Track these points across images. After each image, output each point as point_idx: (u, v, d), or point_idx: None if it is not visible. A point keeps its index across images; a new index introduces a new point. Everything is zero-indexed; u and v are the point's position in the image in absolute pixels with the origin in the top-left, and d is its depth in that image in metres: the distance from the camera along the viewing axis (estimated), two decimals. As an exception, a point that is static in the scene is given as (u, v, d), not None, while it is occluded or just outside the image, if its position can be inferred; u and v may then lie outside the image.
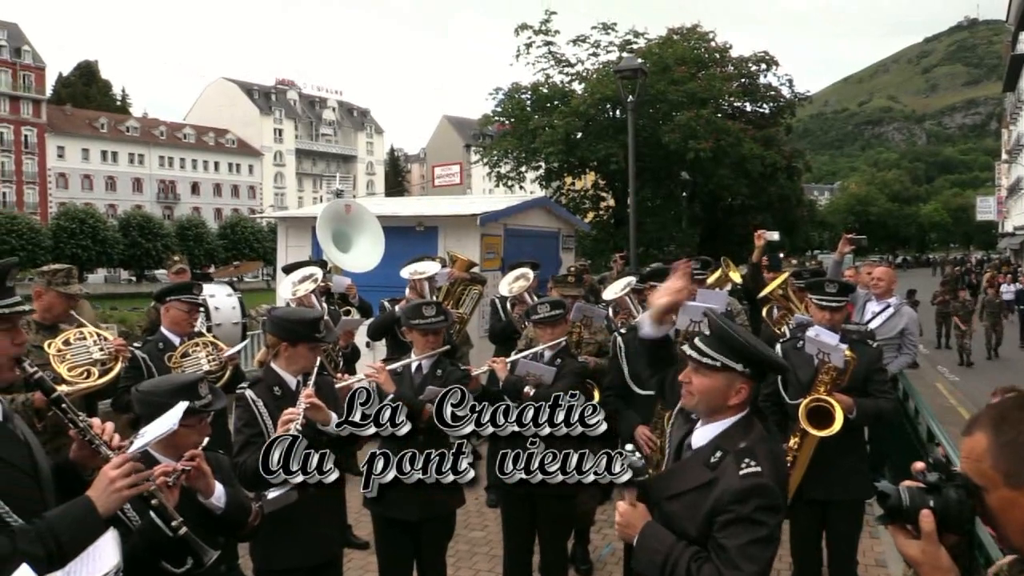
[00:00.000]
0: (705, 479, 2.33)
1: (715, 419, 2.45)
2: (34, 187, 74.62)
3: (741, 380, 2.41)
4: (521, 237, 9.62)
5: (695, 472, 2.39)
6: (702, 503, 2.29)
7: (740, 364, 2.40)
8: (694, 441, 2.49)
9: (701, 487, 2.33)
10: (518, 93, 24.73)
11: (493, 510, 6.82)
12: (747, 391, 2.42)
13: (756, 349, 2.41)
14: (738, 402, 2.43)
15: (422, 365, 4.48)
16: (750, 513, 2.21)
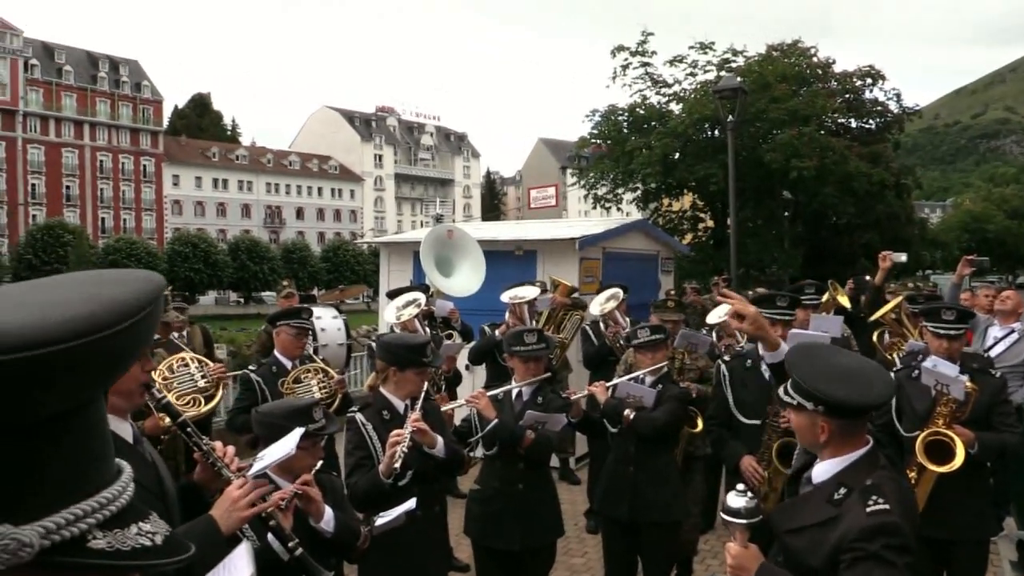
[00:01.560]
0: (829, 515, 2.26)
1: (836, 454, 2.36)
2: (151, 213, 78.61)
3: (820, 419, 2.32)
4: (620, 260, 9.56)
5: (818, 508, 2.31)
6: (825, 540, 2.22)
7: (810, 403, 2.32)
8: (815, 475, 2.41)
9: (824, 523, 2.25)
10: (615, 115, 24.67)
11: (593, 536, 6.76)
12: (829, 429, 2.32)
13: (816, 387, 2.30)
14: (831, 439, 2.34)
15: (523, 392, 4.50)
16: (877, 551, 2.11)
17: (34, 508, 0.49)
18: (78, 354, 0.48)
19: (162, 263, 61.00)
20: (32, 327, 0.45)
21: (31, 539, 0.47)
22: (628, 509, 4.57)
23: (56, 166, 72.58)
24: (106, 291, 0.53)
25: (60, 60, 74.85)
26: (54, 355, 0.46)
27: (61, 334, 0.46)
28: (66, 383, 0.50)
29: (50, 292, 0.52)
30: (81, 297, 0.51)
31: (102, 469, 0.54)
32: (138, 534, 0.52)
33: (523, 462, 4.28)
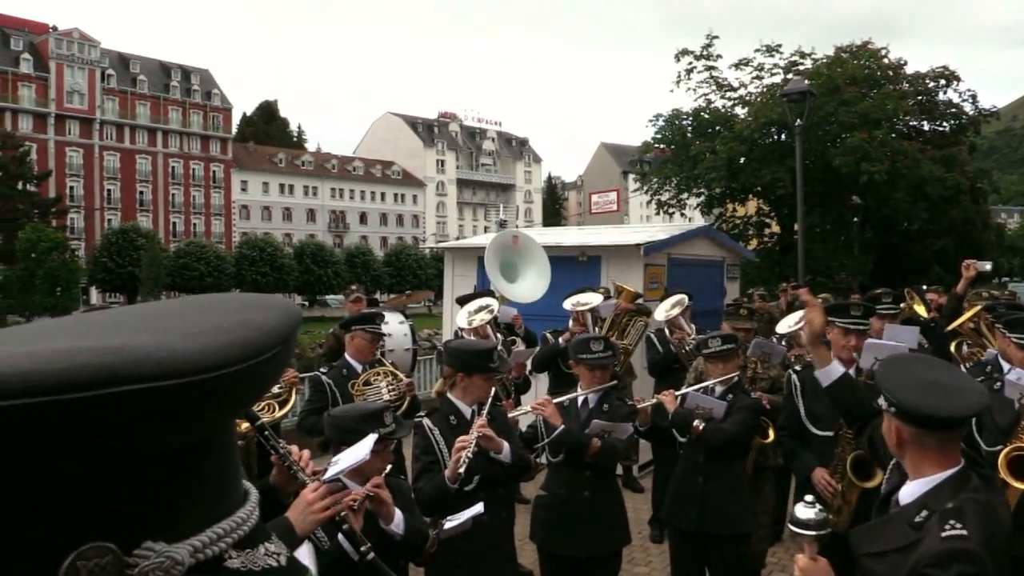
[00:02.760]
0: (909, 540, 2.18)
1: (923, 474, 2.29)
2: (220, 218, 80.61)
3: (894, 421, 2.28)
4: (685, 266, 9.45)
5: (899, 531, 2.24)
6: (903, 565, 2.15)
7: (885, 402, 2.29)
8: (901, 497, 2.34)
9: (904, 548, 2.18)
10: (678, 119, 24.43)
11: (657, 545, 6.69)
12: (902, 434, 2.27)
13: (887, 386, 2.26)
14: (907, 449, 2.28)
15: (588, 399, 4.49)
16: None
17: (183, 528, 0.51)
18: (240, 378, 0.50)
19: (230, 266, 62.49)
20: (202, 352, 0.47)
21: (183, 557, 0.49)
22: (696, 520, 4.52)
23: (130, 172, 74.95)
24: (254, 317, 0.54)
25: (135, 70, 77.33)
26: (219, 379, 0.47)
27: (226, 359, 0.48)
28: (223, 408, 0.52)
29: (198, 316, 0.54)
30: (234, 323, 0.53)
31: (235, 490, 0.57)
32: (266, 554, 0.54)
33: (589, 469, 4.27)
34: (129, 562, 0.47)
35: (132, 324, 0.53)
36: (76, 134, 71.79)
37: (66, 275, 50.67)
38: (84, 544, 0.46)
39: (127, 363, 0.44)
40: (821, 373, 3.56)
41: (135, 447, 0.47)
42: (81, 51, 72.66)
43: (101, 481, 0.47)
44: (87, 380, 0.42)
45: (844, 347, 4.31)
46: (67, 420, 0.42)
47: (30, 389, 0.41)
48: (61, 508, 0.45)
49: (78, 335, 0.48)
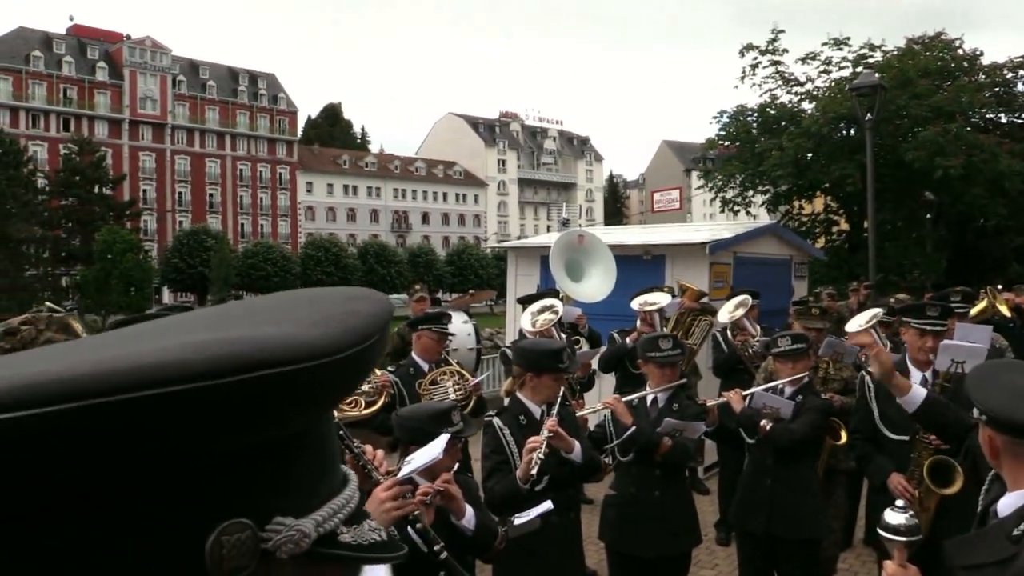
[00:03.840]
0: (1007, 554, 2.10)
1: (1021, 485, 2.20)
2: (286, 219, 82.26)
3: (987, 430, 2.19)
4: (751, 265, 9.29)
5: (997, 544, 2.16)
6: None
7: (976, 410, 2.20)
8: (1000, 508, 2.26)
9: (1002, 562, 2.10)
10: (743, 115, 24.07)
11: (723, 548, 6.61)
12: (995, 444, 2.17)
13: (976, 395, 2.17)
14: (1003, 459, 2.18)
15: (658, 398, 4.47)
16: None
17: (303, 504, 0.54)
18: (354, 363, 0.53)
19: (296, 267, 63.72)
20: (323, 338, 0.50)
21: (310, 530, 0.52)
22: (765, 522, 4.45)
23: (200, 175, 77.00)
24: (357, 306, 0.58)
25: (204, 76, 79.42)
26: (340, 363, 0.51)
27: (343, 344, 0.51)
28: (338, 391, 0.56)
29: (308, 308, 0.57)
30: (341, 312, 0.56)
31: (338, 471, 0.61)
32: (370, 530, 0.58)
33: (660, 468, 4.24)
34: (263, 536, 0.50)
35: (254, 317, 0.57)
36: (149, 139, 74.07)
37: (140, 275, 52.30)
38: (225, 520, 0.49)
39: (264, 349, 0.47)
40: (904, 401, 3.49)
41: (269, 428, 0.51)
42: (153, 58, 74.92)
43: (240, 461, 0.50)
44: (236, 366, 0.46)
45: (920, 349, 4.18)
46: (217, 405, 0.46)
47: (190, 375, 0.44)
48: (208, 487, 0.49)
49: (211, 328, 0.52)
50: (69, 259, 55.43)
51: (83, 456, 0.43)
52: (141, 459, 0.45)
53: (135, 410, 0.43)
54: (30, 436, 0.42)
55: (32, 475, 0.43)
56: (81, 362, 0.44)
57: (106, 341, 0.55)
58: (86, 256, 53.16)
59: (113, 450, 0.44)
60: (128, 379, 0.43)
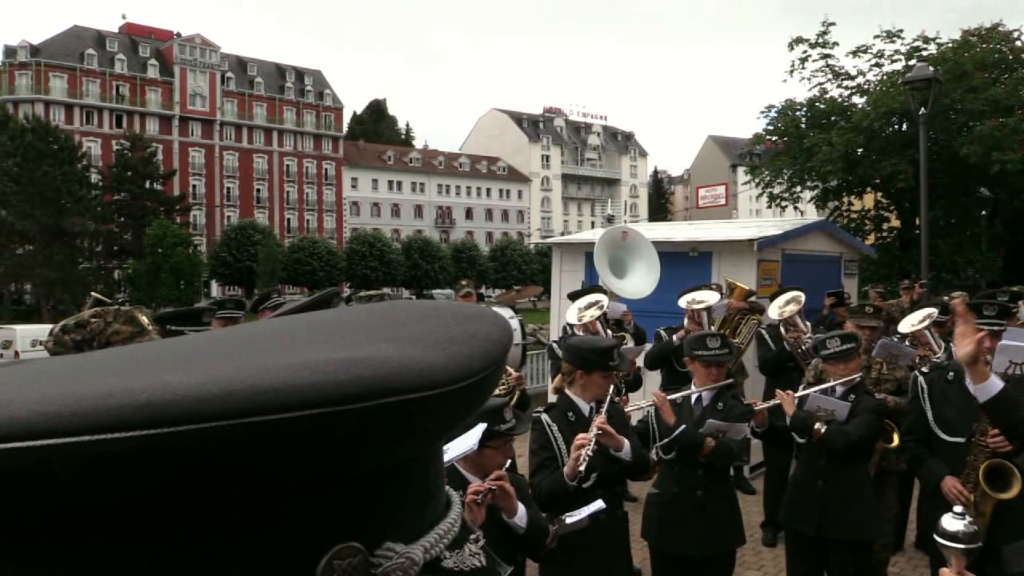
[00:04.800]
0: None
1: None
2: (332, 214, 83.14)
3: None
4: (800, 263, 9.14)
5: None
6: None
7: None
8: None
9: None
10: (792, 110, 23.68)
11: (769, 549, 6.53)
12: None
13: None
14: None
15: (702, 397, 4.43)
16: None
17: (412, 530, 0.53)
18: (478, 390, 0.52)
19: (341, 261, 64.41)
20: (450, 362, 0.49)
21: (418, 558, 0.51)
22: (816, 524, 4.39)
23: (248, 170, 78.15)
24: (478, 328, 0.57)
25: (252, 72, 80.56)
26: (466, 390, 0.50)
27: (471, 369, 0.50)
28: (458, 417, 0.55)
29: (420, 325, 0.56)
30: (462, 333, 0.55)
31: (443, 493, 0.60)
32: (471, 555, 0.57)
33: (703, 468, 4.20)
34: (373, 562, 0.49)
35: (367, 333, 0.55)
36: (198, 135, 75.37)
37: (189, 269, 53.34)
38: (338, 544, 0.48)
39: (394, 374, 0.46)
40: (978, 388, 3.40)
41: (391, 454, 0.50)
42: (203, 56, 76.19)
43: (356, 484, 0.50)
44: (375, 391, 0.45)
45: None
46: (351, 428, 0.45)
47: (316, 401, 0.44)
48: (324, 509, 0.48)
49: (332, 344, 0.51)
50: (121, 253, 56.74)
51: (220, 472, 0.43)
52: (270, 477, 0.45)
53: (278, 430, 0.43)
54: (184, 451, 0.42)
55: (177, 485, 0.43)
56: (227, 377, 0.44)
57: (225, 350, 0.54)
58: (137, 250, 54.37)
59: (247, 468, 0.44)
60: (278, 399, 0.43)
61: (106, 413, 0.41)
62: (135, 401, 0.41)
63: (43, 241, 49.18)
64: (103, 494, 0.42)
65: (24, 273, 51.11)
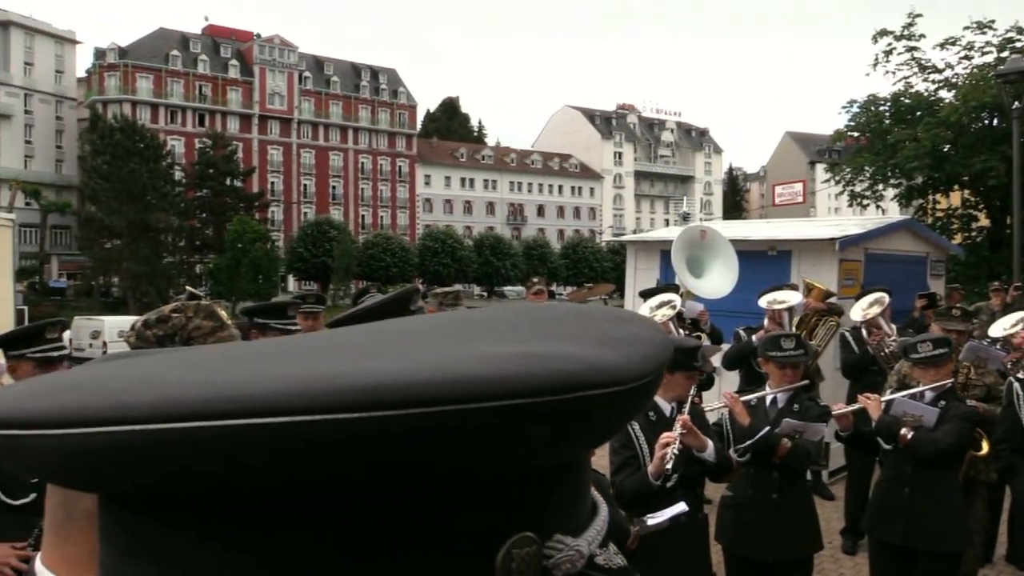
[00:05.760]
0: None
1: None
2: (405, 211, 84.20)
3: None
4: (883, 262, 8.86)
5: None
6: None
7: None
8: None
9: None
10: (875, 105, 23.00)
11: (849, 557, 6.37)
12: None
13: None
14: None
15: (777, 399, 4.35)
16: None
17: (573, 524, 0.54)
18: (651, 390, 0.53)
19: (414, 257, 65.22)
20: (629, 361, 0.50)
21: (585, 551, 0.51)
22: (902, 533, 4.26)
23: (324, 168, 79.73)
24: (640, 331, 0.56)
25: (328, 72, 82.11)
26: (642, 388, 0.50)
27: (647, 369, 0.50)
28: (630, 416, 0.56)
29: (579, 326, 0.56)
30: (626, 334, 0.55)
31: (591, 493, 0.60)
32: (615, 553, 0.57)
33: (778, 470, 4.12)
34: (545, 553, 0.50)
35: (528, 329, 0.55)
36: (276, 133, 77.23)
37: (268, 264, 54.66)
38: (516, 534, 0.48)
39: (585, 370, 0.46)
40: None
41: (570, 448, 0.51)
42: (281, 56, 78.01)
43: (535, 476, 0.50)
44: (568, 384, 0.45)
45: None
46: (540, 421, 0.45)
47: (521, 391, 0.44)
48: (505, 499, 0.49)
49: (504, 340, 0.51)
50: (203, 248, 58.53)
51: (426, 455, 0.44)
52: (466, 463, 0.46)
53: (487, 418, 0.43)
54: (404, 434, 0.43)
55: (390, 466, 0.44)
56: (439, 364, 0.45)
57: (404, 342, 0.54)
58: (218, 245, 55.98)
59: (449, 452, 0.45)
60: (494, 387, 0.43)
61: (339, 393, 0.42)
62: (366, 383, 0.42)
63: (130, 236, 51.07)
64: (322, 473, 0.43)
65: (112, 267, 53.17)
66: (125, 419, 0.43)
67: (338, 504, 0.46)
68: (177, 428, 0.42)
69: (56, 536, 1.00)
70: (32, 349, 3.37)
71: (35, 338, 3.41)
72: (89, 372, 0.53)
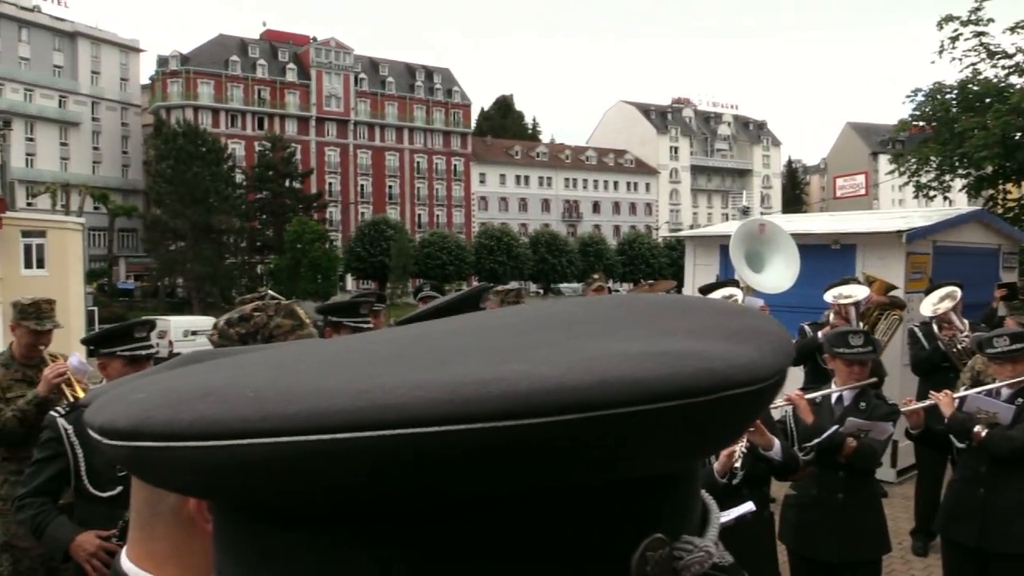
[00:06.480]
0: None
1: None
2: (460, 209, 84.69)
3: None
4: (953, 255, 8.57)
5: None
6: None
7: None
8: None
9: None
10: (941, 93, 22.33)
11: (920, 559, 6.19)
12: None
13: None
14: None
15: (843, 396, 4.22)
16: None
17: (695, 523, 0.54)
18: (782, 384, 0.51)
19: (470, 255, 65.55)
20: (764, 357, 0.48)
21: (713, 550, 0.51)
22: (977, 534, 4.12)
23: (380, 168, 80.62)
24: (758, 324, 0.54)
25: (383, 73, 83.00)
26: (776, 385, 0.49)
27: (781, 365, 0.49)
28: (757, 414, 0.53)
29: (684, 318, 0.54)
30: (748, 327, 0.53)
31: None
32: (725, 550, 0.56)
33: (843, 470, 4.01)
34: (675, 555, 0.49)
35: (651, 326, 0.53)
36: (333, 135, 78.38)
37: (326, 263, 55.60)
38: (648, 536, 0.48)
39: (728, 367, 0.45)
40: None
41: (708, 449, 0.51)
42: (337, 58, 79.12)
43: (668, 476, 0.50)
44: (711, 384, 0.44)
45: None
46: (682, 423, 0.44)
47: (673, 392, 0.43)
48: (639, 500, 0.48)
49: (632, 338, 0.50)
50: (263, 248, 59.77)
51: (570, 458, 0.43)
52: (607, 465, 0.45)
53: (630, 422, 0.42)
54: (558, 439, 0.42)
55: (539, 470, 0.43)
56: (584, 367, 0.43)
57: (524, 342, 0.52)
58: (278, 246, 57.11)
59: (592, 455, 0.43)
60: (645, 389, 0.42)
61: (492, 401, 0.41)
62: (517, 390, 0.41)
63: (193, 238, 52.41)
64: (469, 480, 0.43)
65: (176, 268, 54.67)
66: (276, 431, 0.42)
67: (477, 510, 0.45)
68: (329, 440, 0.41)
69: (142, 532, 1.01)
70: (122, 347, 3.48)
71: (124, 337, 3.52)
72: (206, 378, 0.51)
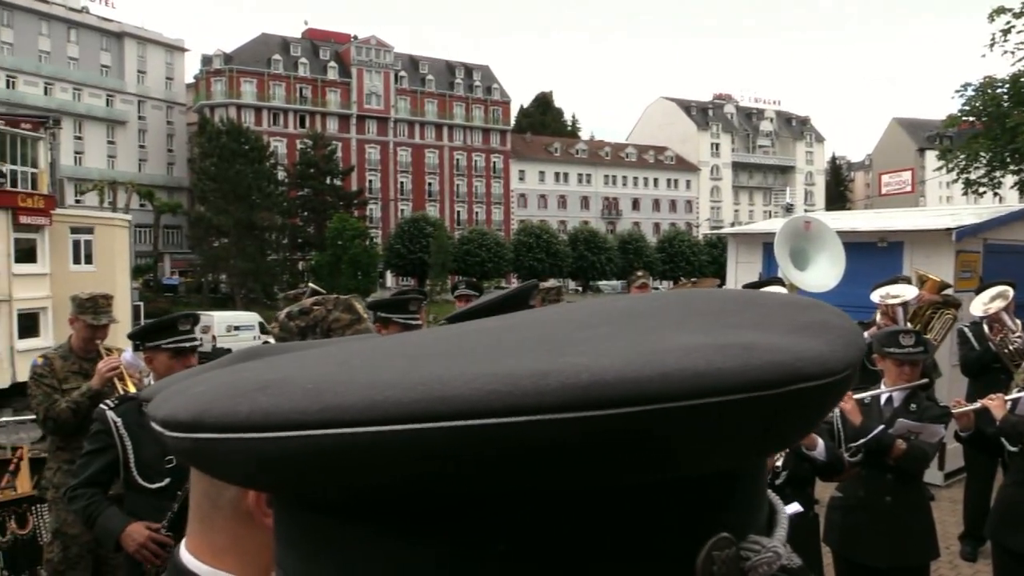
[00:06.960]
0: None
1: None
2: (499, 206, 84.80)
3: None
4: (1005, 253, 8.36)
5: None
6: None
7: None
8: None
9: None
10: (992, 87, 21.83)
11: (969, 564, 6.06)
12: None
13: None
14: None
15: (893, 397, 4.14)
16: None
17: (762, 523, 0.53)
18: (853, 378, 0.49)
19: (509, 252, 65.63)
20: (833, 351, 0.47)
21: (781, 551, 0.50)
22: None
23: (420, 165, 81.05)
24: (827, 318, 0.53)
25: (423, 70, 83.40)
26: (847, 380, 0.48)
27: (852, 359, 0.48)
28: (828, 411, 0.52)
29: (748, 311, 0.53)
30: (817, 320, 0.51)
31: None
32: (792, 552, 0.54)
33: (892, 472, 3.93)
34: (742, 555, 0.48)
35: (714, 319, 0.52)
36: (374, 132, 78.97)
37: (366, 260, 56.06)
38: (714, 535, 0.47)
39: (797, 360, 0.44)
40: None
41: (776, 445, 0.49)
42: (378, 56, 79.67)
43: (732, 474, 0.49)
44: (771, 379, 0.43)
45: None
46: (748, 417, 0.43)
47: (738, 386, 0.42)
48: (704, 497, 0.47)
49: (694, 331, 0.49)
50: (305, 245, 60.45)
51: (630, 457, 0.42)
52: (671, 461, 0.44)
53: (696, 416, 0.41)
54: (618, 433, 0.41)
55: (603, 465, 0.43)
56: (641, 360, 0.43)
57: (578, 336, 0.51)
58: (319, 242, 57.70)
59: (657, 453, 0.43)
60: (696, 383, 0.41)
61: (551, 393, 0.41)
62: (577, 382, 0.41)
63: (236, 234, 53.15)
64: (527, 473, 0.42)
65: (220, 264, 55.50)
66: (333, 422, 0.42)
67: (535, 506, 0.45)
68: (388, 431, 0.41)
69: (201, 524, 1.03)
70: (166, 340, 3.52)
71: (169, 330, 3.56)
72: (264, 372, 0.50)
